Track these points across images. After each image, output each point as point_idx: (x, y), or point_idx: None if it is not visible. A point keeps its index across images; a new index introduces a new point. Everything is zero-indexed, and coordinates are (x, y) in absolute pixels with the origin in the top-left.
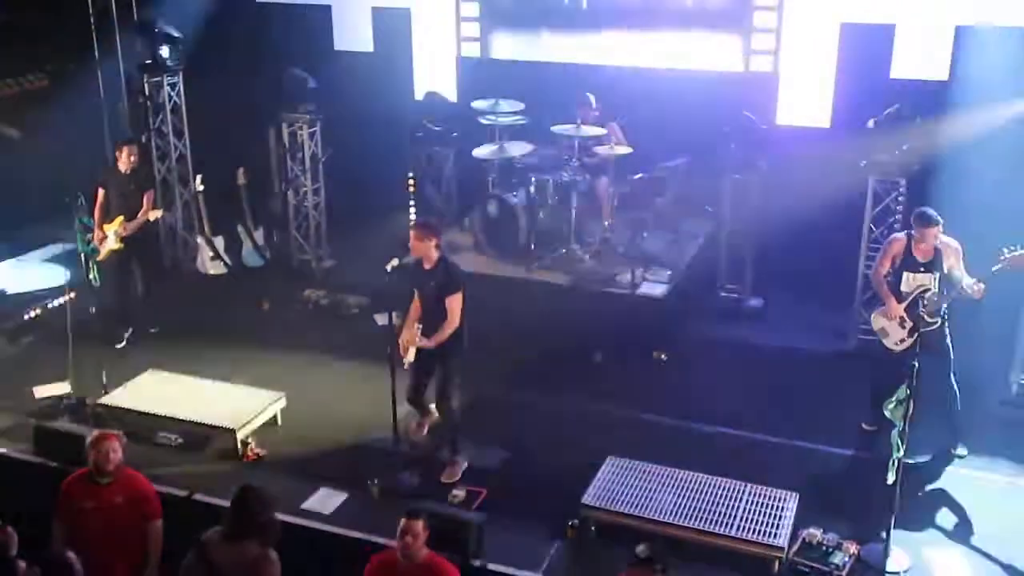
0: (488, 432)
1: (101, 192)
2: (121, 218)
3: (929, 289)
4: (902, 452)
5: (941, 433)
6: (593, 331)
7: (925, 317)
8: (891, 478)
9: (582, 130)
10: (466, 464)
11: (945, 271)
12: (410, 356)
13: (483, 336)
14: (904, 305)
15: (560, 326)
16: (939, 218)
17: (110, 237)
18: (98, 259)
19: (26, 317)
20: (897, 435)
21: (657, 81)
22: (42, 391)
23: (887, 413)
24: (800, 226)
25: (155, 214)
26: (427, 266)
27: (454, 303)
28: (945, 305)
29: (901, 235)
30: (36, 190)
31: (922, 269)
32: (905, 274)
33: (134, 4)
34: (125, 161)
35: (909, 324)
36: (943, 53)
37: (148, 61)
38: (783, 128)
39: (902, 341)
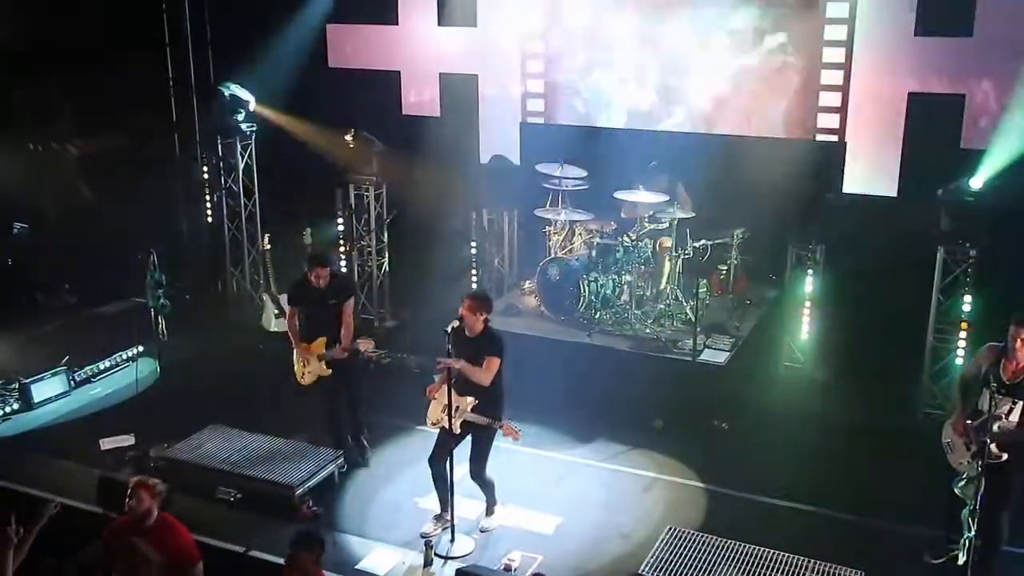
0: (545, 496)
1: (289, 309)
2: (323, 340)
3: (1000, 417)
4: (973, 532)
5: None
6: (653, 397)
7: (992, 448)
8: (962, 559)
9: (645, 195)
10: (502, 513)
11: None
12: (449, 424)
13: (542, 399)
14: (975, 424)
15: (620, 391)
16: None
17: (313, 362)
18: (302, 384)
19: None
20: (968, 514)
21: (723, 147)
22: (107, 443)
23: (957, 491)
24: (867, 296)
25: (365, 344)
26: (469, 334)
27: (492, 365)
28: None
29: (996, 345)
30: (111, 245)
31: (1004, 391)
32: (985, 391)
33: (211, 68)
34: (316, 281)
35: (974, 447)
36: (1015, 123)
37: (223, 123)
38: (850, 196)
39: (962, 465)
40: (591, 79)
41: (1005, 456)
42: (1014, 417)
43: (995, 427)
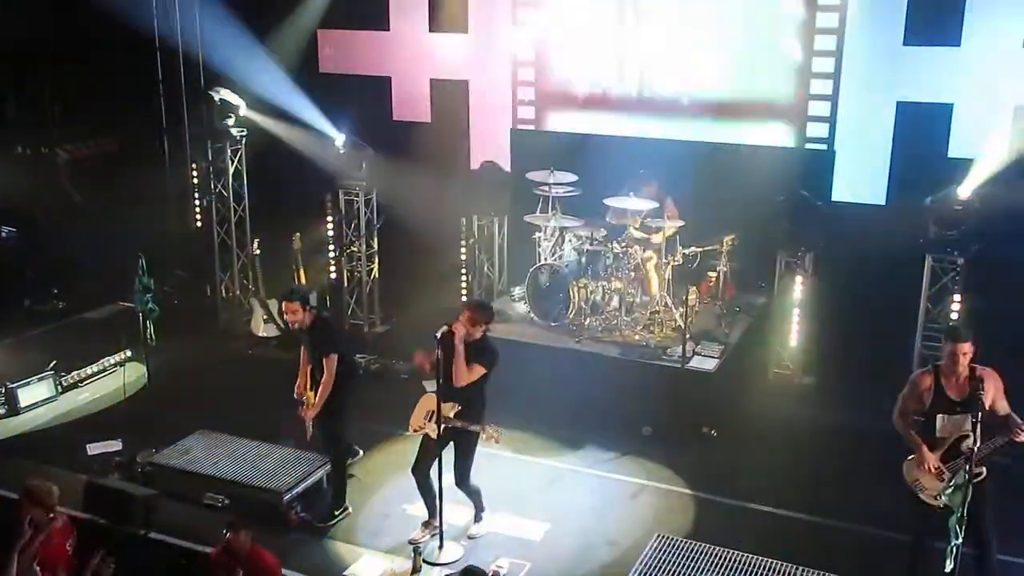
0: (533, 503)
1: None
2: (311, 395)
3: (968, 437)
4: (960, 539)
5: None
6: (642, 404)
7: (970, 469)
8: (949, 566)
9: (635, 202)
10: (490, 519)
11: (987, 409)
12: (431, 429)
13: (531, 405)
14: (940, 454)
15: (608, 398)
16: (969, 333)
17: (306, 404)
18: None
19: None
20: (955, 522)
21: (711, 155)
22: (94, 448)
23: (945, 499)
24: (855, 304)
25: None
26: (466, 340)
27: (475, 371)
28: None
29: (927, 370)
30: (100, 250)
31: (959, 409)
32: (939, 417)
33: (202, 74)
34: (288, 315)
35: (948, 475)
36: (1002, 132)
37: (212, 127)
38: (839, 204)
39: (939, 496)
40: (581, 86)
41: (984, 470)
42: (974, 433)
43: (963, 446)
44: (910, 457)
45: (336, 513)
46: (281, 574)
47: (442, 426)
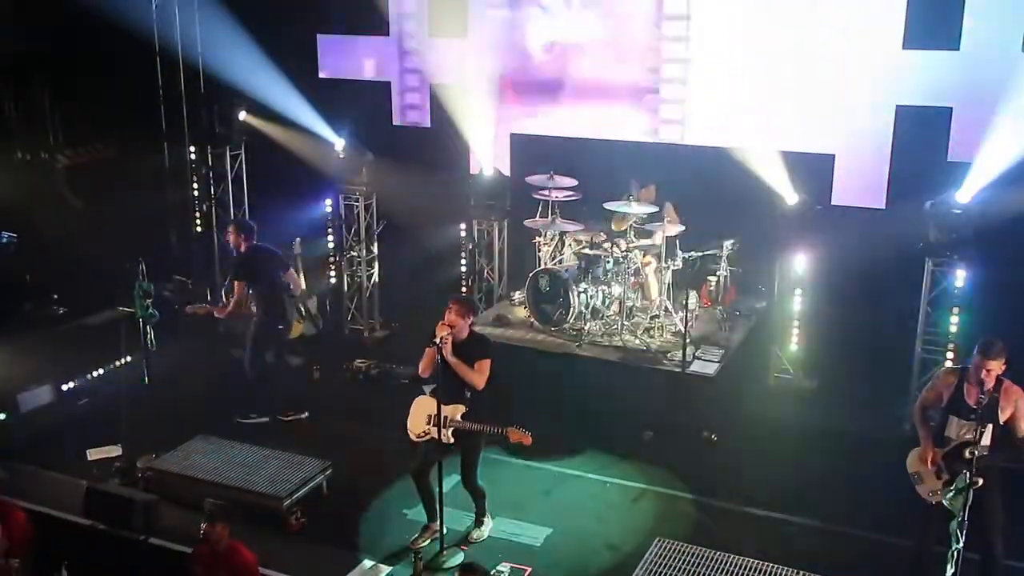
0: (533, 507)
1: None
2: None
3: (973, 443)
4: (961, 544)
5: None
6: (643, 408)
7: (969, 474)
8: (950, 571)
9: (634, 207)
10: (491, 524)
11: (1001, 423)
12: (438, 435)
13: (531, 410)
14: (944, 452)
15: (609, 403)
16: (999, 351)
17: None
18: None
19: None
20: (956, 526)
21: (713, 159)
22: (95, 454)
23: (946, 503)
24: (856, 308)
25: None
26: (457, 339)
27: (484, 367)
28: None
29: (954, 369)
30: (100, 255)
31: (972, 417)
32: (951, 418)
33: (202, 78)
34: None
35: (946, 476)
36: (1002, 136)
37: (212, 133)
38: (839, 208)
39: (934, 494)
40: (581, 89)
41: (980, 481)
42: (986, 440)
43: (966, 453)
44: (916, 448)
45: (252, 416)
46: (258, 571)
47: (451, 429)
